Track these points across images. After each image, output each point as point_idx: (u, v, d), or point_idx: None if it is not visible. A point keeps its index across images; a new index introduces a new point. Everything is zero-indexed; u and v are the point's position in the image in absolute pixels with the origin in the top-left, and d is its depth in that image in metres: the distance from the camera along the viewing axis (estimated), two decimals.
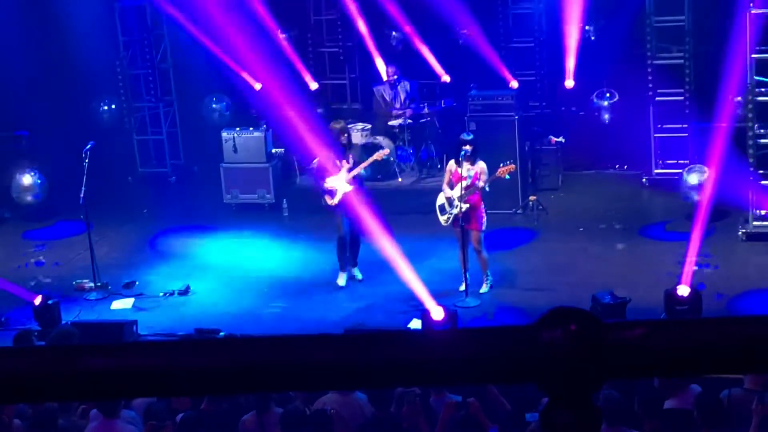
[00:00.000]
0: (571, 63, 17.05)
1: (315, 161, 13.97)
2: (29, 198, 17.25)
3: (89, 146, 14.20)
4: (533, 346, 1.85)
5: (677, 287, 11.86)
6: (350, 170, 13.66)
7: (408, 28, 18.92)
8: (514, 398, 8.88)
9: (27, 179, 17.20)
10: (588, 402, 1.90)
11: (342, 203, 13.63)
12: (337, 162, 13.71)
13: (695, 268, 12.88)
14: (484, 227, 13.11)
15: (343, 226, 13.72)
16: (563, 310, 1.87)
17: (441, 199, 13.21)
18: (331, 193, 13.67)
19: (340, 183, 13.65)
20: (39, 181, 17.22)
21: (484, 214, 13.07)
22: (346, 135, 13.91)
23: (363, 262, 14.13)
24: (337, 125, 14.06)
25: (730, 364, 1.95)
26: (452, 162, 13.15)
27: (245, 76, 18.27)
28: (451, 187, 13.02)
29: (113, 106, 19.23)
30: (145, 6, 18.77)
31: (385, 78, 17.61)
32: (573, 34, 16.85)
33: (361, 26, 18.65)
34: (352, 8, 18.94)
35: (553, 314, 1.86)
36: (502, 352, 1.90)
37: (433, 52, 17.94)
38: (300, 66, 18.81)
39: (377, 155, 14.33)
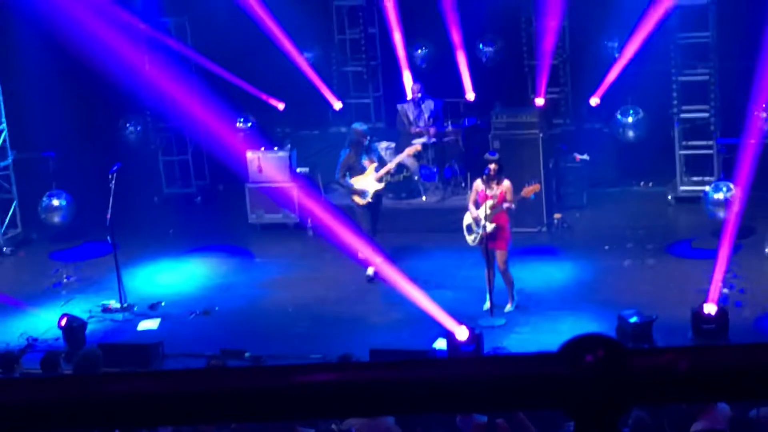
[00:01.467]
0: (611, 77, 17.05)
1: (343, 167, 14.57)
2: (56, 219, 17.34)
3: (116, 167, 14.30)
4: (560, 372, 1.84)
5: (704, 305, 11.81)
6: (378, 169, 14.46)
7: (431, 46, 18.97)
8: (540, 421, 8.84)
9: (54, 200, 17.31)
10: (614, 427, 1.89)
11: (373, 201, 14.55)
12: (364, 163, 14.45)
13: (722, 285, 12.80)
14: (509, 247, 13.10)
15: (370, 223, 14.56)
16: (589, 336, 1.86)
17: (468, 219, 13.20)
18: (363, 194, 14.40)
19: (369, 182, 14.41)
20: (66, 202, 17.32)
21: (509, 235, 13.06)
22: (368, 137, 14.65)
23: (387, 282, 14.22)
24: (360, 128, 14.80)
25: (759, 391, 1.93)
26: (478, 181, 13.15)
27: (268, 98, 18.37)
28: (477, 207, 13.02)
29: (139, 127, 19.34)
30: (170, 28, 18.89)
31: (409, 96, 17.63)
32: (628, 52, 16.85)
33: (386, 45, 18.70)
34: (376, 27, 19.01)
35: (579, 341, 1.86)
36: (529, 378, 1.90)
37: (457, 70, 17.95)
38: (323, 85, 18.86)
39: (409, 150, 15.28)
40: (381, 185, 14.59)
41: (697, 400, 1.92)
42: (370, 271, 14.59)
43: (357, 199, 14.56)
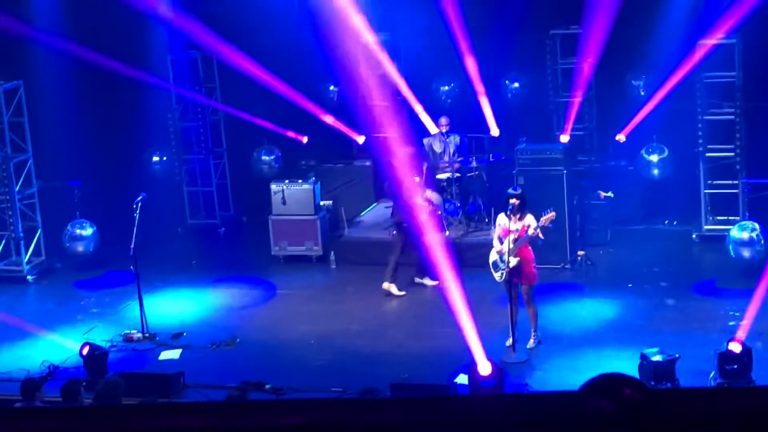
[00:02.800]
0: (637, 115, 17.13)
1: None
2: (80, 248, 17.43)
3: (140, 197, 14.36)
4: (580, 413, 1.83)
5: (728, 344, 11.71)
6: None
7: (457, 82, 19.03)
8: None
9: (78, 229, 17.39)
10: None
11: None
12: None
13: (749, 325, 12.68)
14: (535, 282, 13.06)
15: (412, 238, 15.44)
16: (610, 377, 1.85)
17: (493, 255, 13.18)
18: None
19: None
20: (90, 232, 17.40)
21: (534, 269, 13.03)
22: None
23: (412, 315, 14.21)
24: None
25: None
26: (502, 216, 13.14)
27: (290, 133, 18.45)
28: (501, 242, 13.01)
29: (165, 158, 19.46)
30: (197, 58, 19.02)
31: (434, 131, 17.66)
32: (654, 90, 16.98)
33: (411, 79, 18.75)
34: (401, 62, 19.06)
35: (600, 381, 1.85)
36: (550, 418, 1.89)
37: (482, 107, 17.97)
38: (349, 119, 18.92)
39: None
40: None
41: None
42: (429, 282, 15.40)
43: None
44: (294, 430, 1.95)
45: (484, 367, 11.54)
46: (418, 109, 18.18)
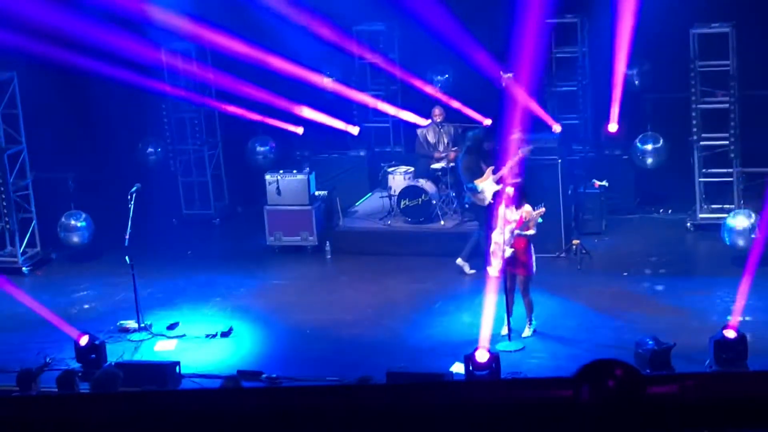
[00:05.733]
0: (615, 107, 17.03)
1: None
2: (75, 239, 17.41)
3: (135, 188, 14.36)
4: (575, 398, 1.84)
5: (723, 332, 11.74)
6: (495, 171, 15.11)
7: (451, 72, 19.01)
8: None
9: (73, 220, 17.38)
10: None
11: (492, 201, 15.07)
12: (482, 166, 15.27)
13: (743, 312, 12.72)
14: (531, 271, 13.08)
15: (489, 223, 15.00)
16: (604, 362, 1.86)
17: (491, 245, 13.20)
18: (484, 195, 15.14)
19: (489, 184, 15.18)
20: (84, 222, 17.39)
21: (531, 259, 13.04)
22: (485, 142, 15.75)
23: (407, 304, 14.21)
24: (480, 134, 15.87)
25: None
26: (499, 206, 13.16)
27: (285, 125, 18.40)
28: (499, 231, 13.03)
29: (159, 149, 19.44)
30: (191, 50, 18.94)
31: (424, 123, 17.63)
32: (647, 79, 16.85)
33: (405, 70, 18.74)
34: (396, 52, 19.05)
35: (594, 367, 1.85)
36: (544, 403, 1.89)
37: (476, 96, 17.94)
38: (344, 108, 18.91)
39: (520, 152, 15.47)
40: (499, 186, 15.09)
41: (714, 428, 1.91)
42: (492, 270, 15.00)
43: (479, 200, 15.26)
44: (291, 415, 1.96)
45: (482, 355, 11.58)
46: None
